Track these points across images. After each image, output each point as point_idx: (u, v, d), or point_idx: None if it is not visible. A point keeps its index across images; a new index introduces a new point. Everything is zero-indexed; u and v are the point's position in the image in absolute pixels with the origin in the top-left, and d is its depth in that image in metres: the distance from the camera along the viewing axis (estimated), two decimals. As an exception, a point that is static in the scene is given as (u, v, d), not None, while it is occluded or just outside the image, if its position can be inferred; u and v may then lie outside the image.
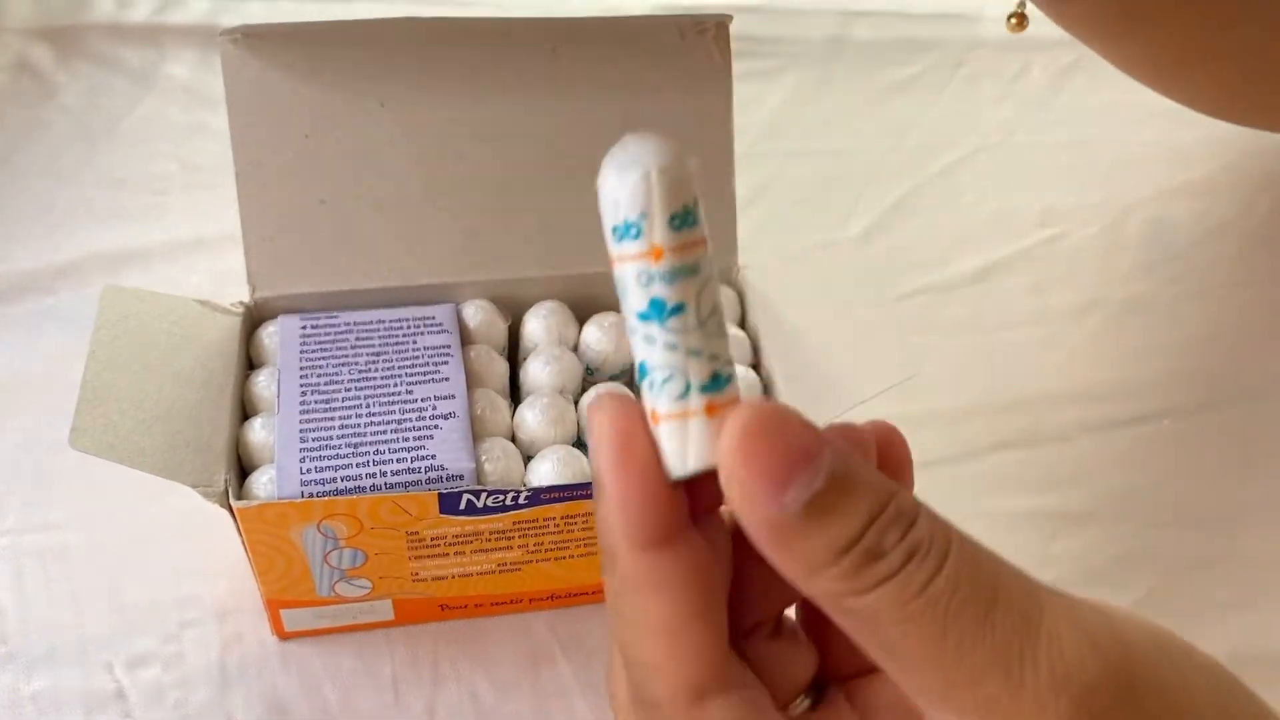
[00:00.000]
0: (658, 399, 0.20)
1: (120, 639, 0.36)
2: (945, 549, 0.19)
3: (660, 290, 0.19)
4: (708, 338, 0.20)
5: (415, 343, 0.36)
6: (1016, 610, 0.19)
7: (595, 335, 0.38)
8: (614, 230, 0.19)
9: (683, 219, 0.19)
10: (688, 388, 0.20)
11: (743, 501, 0.19)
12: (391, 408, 0.34)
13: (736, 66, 0.38)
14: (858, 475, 0.19)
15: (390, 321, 0.37)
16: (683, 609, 0.20)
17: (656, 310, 0.19)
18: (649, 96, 0.38)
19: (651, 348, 0.20)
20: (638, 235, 0.19)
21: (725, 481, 0.19)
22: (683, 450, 0.20)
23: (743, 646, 0.23)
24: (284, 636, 0.37)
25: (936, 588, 0.18)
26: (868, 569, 0.18)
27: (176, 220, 0.50)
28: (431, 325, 0.37)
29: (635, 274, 0.19)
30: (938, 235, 0.52)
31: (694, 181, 0.19)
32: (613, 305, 0.39)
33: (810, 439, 0.18)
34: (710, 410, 0.20)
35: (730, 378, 0.20)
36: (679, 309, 0.19)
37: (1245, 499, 0.42)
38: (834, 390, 0.35)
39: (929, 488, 0.42)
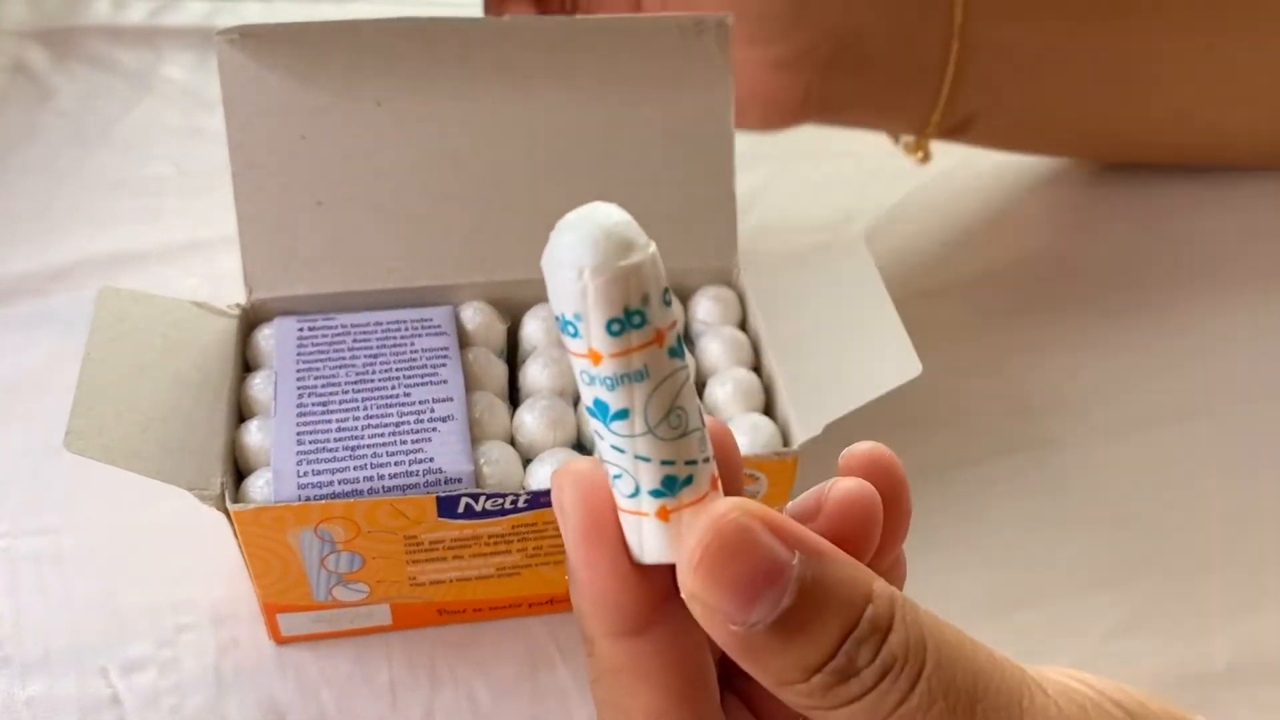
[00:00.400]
0: (613, 489, 0.19)
1: (115, 643, 0.36)
2: (920, 659, 0.18)
3: (602, 393, 0.18)
4: (658, 443, 0.18)
5: (413, 345, 0.36)
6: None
7: (594, 337, 0.38)
8: (556, 318, 0.18)
9: (625, 321, 0.17)
10: (637, 489, 0.18)
11: (704, 618, 0.18)
12: (389, 410, 0.34)
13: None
14: (829, 585, 0.18)
15: (388, 323, 0.36)
16: (664, 696, 0.19)
17: (600, 411, 0.18)
18: (648, 96, 0.38)
19: (601, 442, 0.18)
20: (575, 334, 0.17)
21: (686, 598, 0.18)
22: (639, 544, 0.19)
23: (746, 686, 0.22)
24: (281, 641, 0.36)
25: (911, 705, 0.18)
26: (839, 688, 0.18)
27: (172, 223, 0.50)
28: (429, 327, 0.36)
29: (578, 370, 0.18)
30: (939, 236, 0.52)
31: (647, 273, 0.17)
32: (612, 307, 0.39)
33: (777, 554, 0.17)
34: (663, 514, 0.18)
35: (690, 479, 0.18)
36: (622, 414, 0.18)
37: (1249, 503, 0.42)
38: (835, 392, 0.34)
39: (932, 492, 0.42)
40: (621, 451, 0.18)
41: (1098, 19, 0.48)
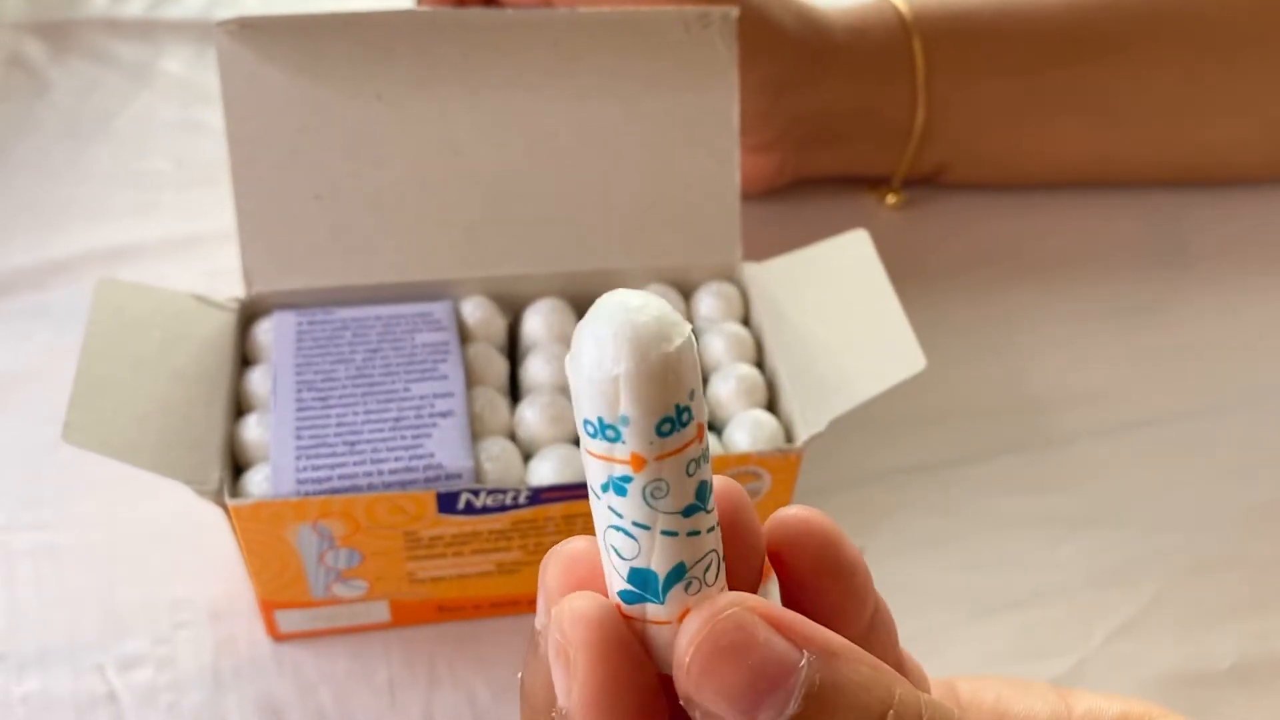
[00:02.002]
0: (619, 600, 0.17)
1: (112, 640, 0.36)
2: None
3: (630, 501, 0.16)
4: (684, 542, 0.16)
5: (413, 340, 0.36)
6: None
7: (596, 333, 0.37)
8: (583, 422, 0.16)
9: (675, 420, 0.15)
10: (658, 593, 0.17)
11: (708, 712, 0.16)
12: (389, 405, 0.33)
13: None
14: (843, 690, 0.16)
15: (388, 318, 0.36)
16: None
17: (622, 516, 0.16)
18: (652, 90, 0.37)
19: (618, 544, 0.17)
20: (615, 438, 0.16)
21: (683, 702, 0.16)
22: (654, 655, 0.17)
23: None
24: (278, 638, 0.36)
25: None
26: None
27: (170, 218, 0.50)
28: (429, 322, 0.36)
29: (603, 474, 0.16)
30: (941, 235, 0.52)
31: (689, 363, 0.15)
32: (614, 303, 0.39)
33: (781, 655, 0.16)
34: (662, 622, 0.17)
35: (707, 573, 0.17)
36: (645, 524, 0.16)
37: (1252, 503, 0.42)
38: (839, 387, 0.34)
39: (937, 489, 0.41)
40: (638, 555, 0.17)
41: (1062, 67, 0.49)
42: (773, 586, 0.20)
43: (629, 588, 0.17)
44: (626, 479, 0.16)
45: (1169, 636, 0.38)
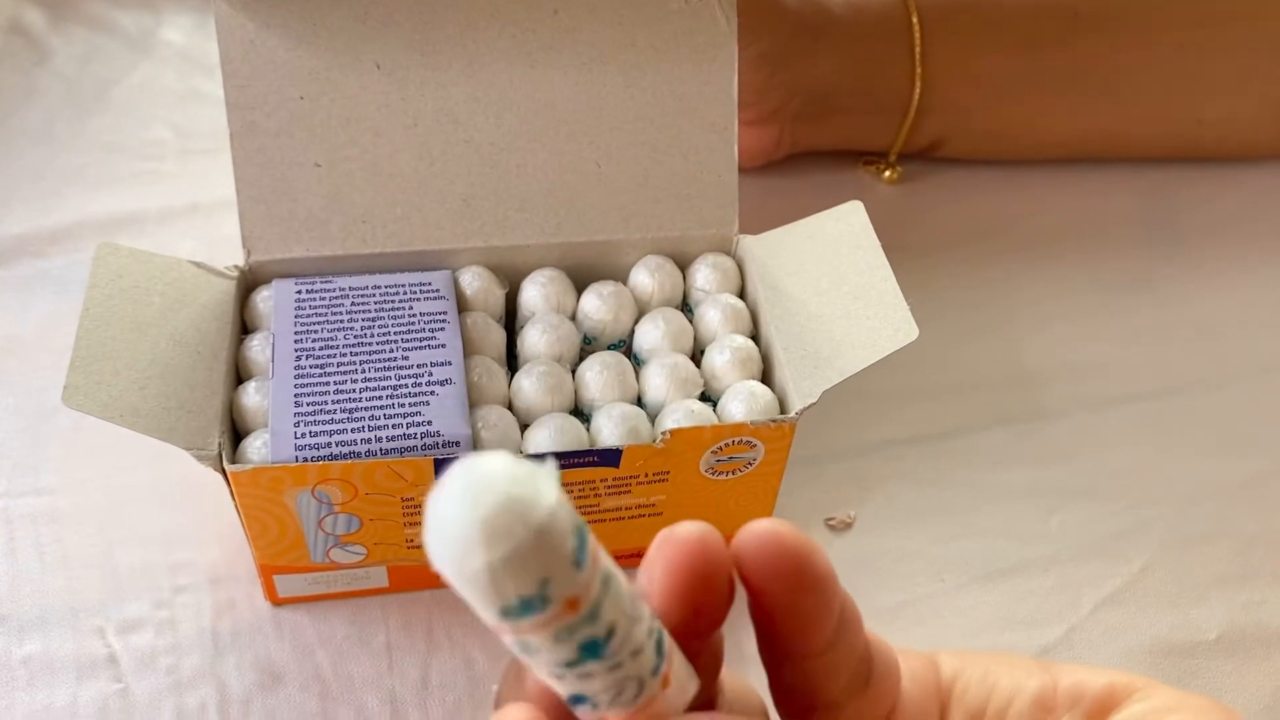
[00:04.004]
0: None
1: (112, 604, 0.36)
2: None
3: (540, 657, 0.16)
4: (606, 675, 0.17)
5: (411, 308, 0.36)
6: None
7: (594, 304, 0.38)
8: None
9: (522, 609, 0.14)
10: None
11: None
12: (387, 373, 0.34)
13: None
14: None
15: (386, 287, 0.36)
16: None
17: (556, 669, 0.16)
18: (651, 61, 0.37)
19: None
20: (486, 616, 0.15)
21: None
22: None
23: None
24: (277, 603, 0.36)
25: None
26: None
27: (170, 186, 0.50)
28: (428, 291, 0.36)
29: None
30: (937, 209, 0.52)
31: (534, 555, 0.14)
32: (612, 274, 0.39)
33: None
34: None
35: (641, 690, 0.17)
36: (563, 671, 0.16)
37: (1241, 476, 0.42)
38: (833, 358, 0.34)
39: (929, 460, 0.42)
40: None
41: (1059, 43, 0.49)
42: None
43: (570, 699, 0.18)
44: (514, 641, 0.16)
45: (1157, 606, 0.38)
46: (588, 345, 0.38)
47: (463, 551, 0.14)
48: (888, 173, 0.52)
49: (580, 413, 0.36)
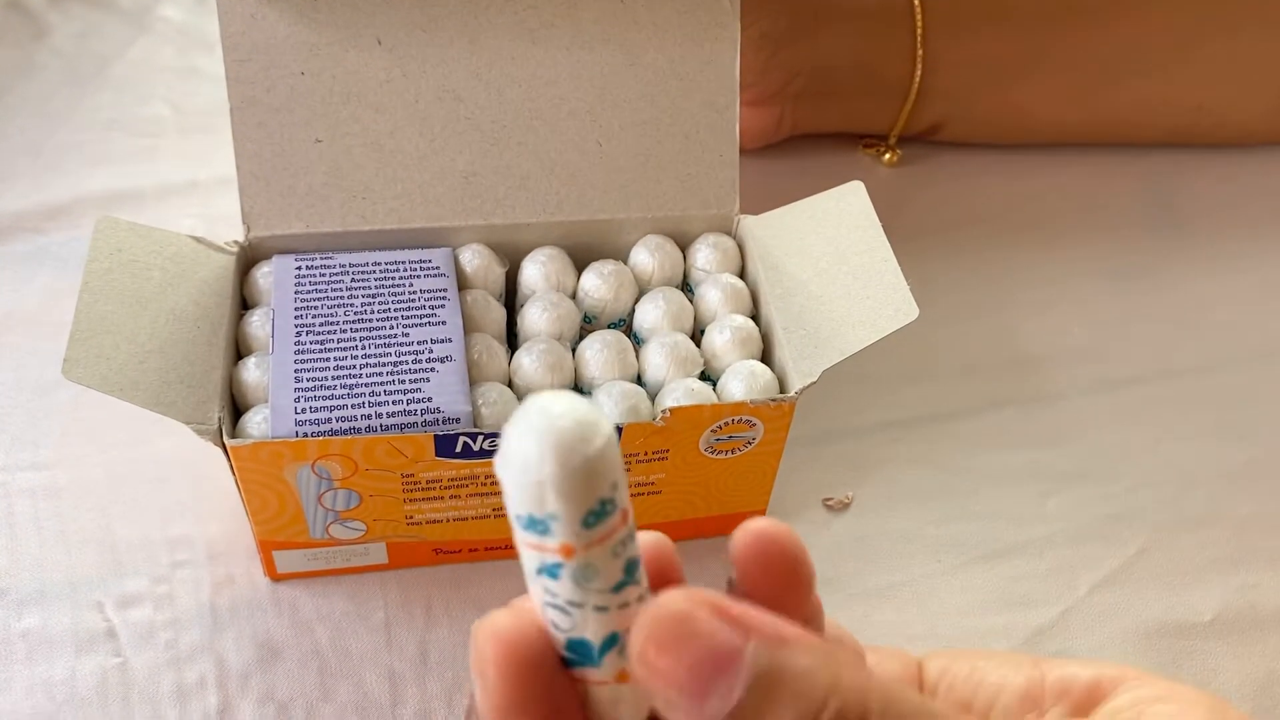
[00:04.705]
0: (569, 663, 0.18)
1: (111, 579, 0.36)
2: None
3: (563, 585, 0.17)
4: (616, 614, 0.18)
5: (411, 285, 0.36)
6: None
7: (594, 283, 0.38)
8: (515, 517, 0.17)
9: (600, 512, 0.16)
10: (597, 657, 0.18)
11: (663, 707, 0.17)
12: (388, 350, 0.34)
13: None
14: (786, 676, 0.16)
15: (386, 264, 0.36)
16: None
17: (559, 601, 0.18)
18: (654, 39, 0.37)
19: (557, 619, 0.18)
20: (545, 532, 0.17)
21: (641, 687, 0.17)
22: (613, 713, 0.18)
23: None
24: (276, 578, 0.36)
25: None
26: None
27: (169, 164, 0.50)
28: (428, 268, 0.36)
29: (537, 562, 0.17)
30: (936, 192, 0.52)
31: (611, 458, 0.16)
32: (612, 253, 0.39)
33: (726, 642, 0.16)
34: (623, 678, 0.18)
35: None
36: (579, 602, 0.17)
37: (1237, 461, 0.42)
38: (832, 338, 0.34)
39: (927, 442, 0.42)
40: (574, 628, 0.18)
41: (1060, 26, 0.49)
42: None
43: (568, 655, 0.18)
44: (558, 565, 0.17)
45: (1152, 589, 0.38)
46: (587, 324, 0.38)
47: (564, 452, 0.16)
48: (888, 155, 0.52)
49: (580, 391, 0.36)
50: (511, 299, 0.39)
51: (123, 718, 0.33)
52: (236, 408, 0.34)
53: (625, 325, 0.38)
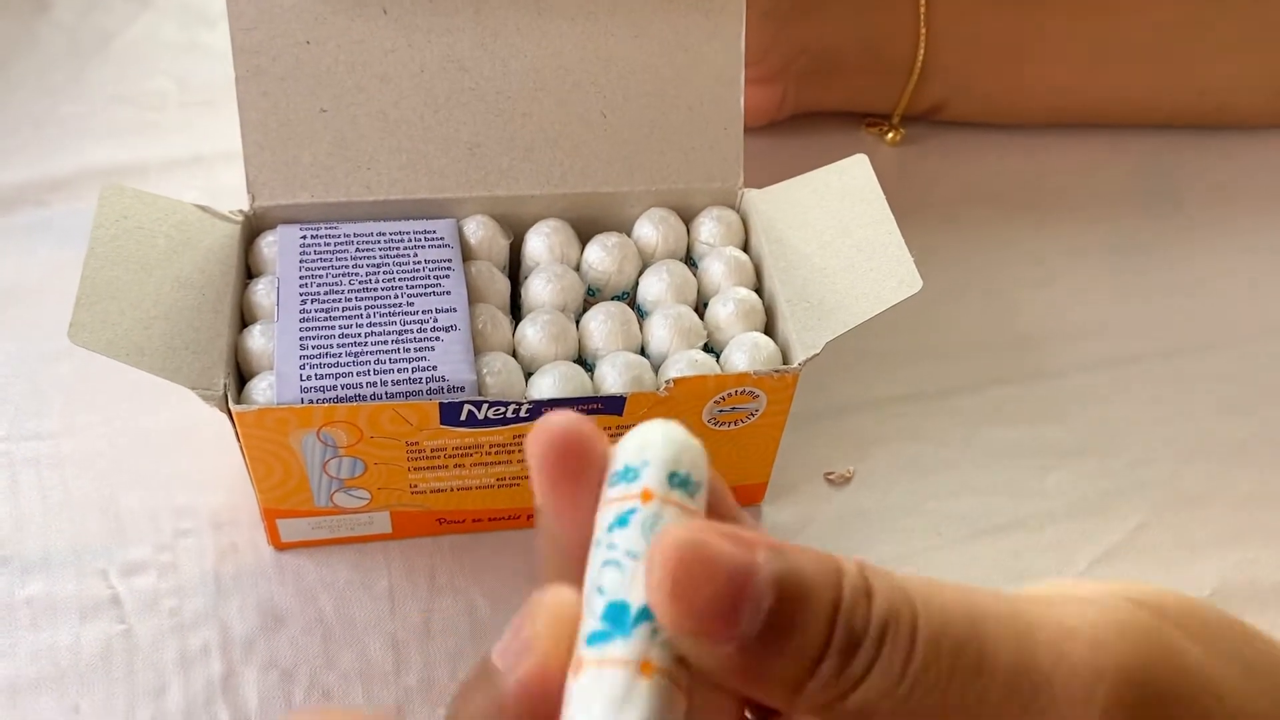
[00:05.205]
0: (581, 643, 0.18)
1: (115, 546, 0.36)
2: (911, 610, 0.17)
3: (632, 533, 0.18)
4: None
5: (416, 255, 0.36)
6: (1009, 644, 0.17)
7: (598, 255, 0.38)
8: (614, 472, 0.18)
9: (684, 480, 0.18)
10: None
11: (697, 649, 0.17)
12: (393, 318, 0.34)
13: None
14: (802, 572, 0.17)
15: (391, 234, 0.36)
16: None
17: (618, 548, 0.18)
18: (660, 12, 0.37)
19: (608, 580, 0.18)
20: (634, 478, 0.18)
21: (673, 636, 0.17)
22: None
23: None
24: (280, 547, 0.37)
25: (920, 656, 0.17)
26: (847, 668, 0.17)
27: (172, 137, 0.50)
28: (433, 239, 0.36)
29: (616, 513, 0.18)
30: (939, 171, 0.52)
31: (701, 461, 0.19)
32: (616, 225, 0.39)
33: (741, 557, 0.17)
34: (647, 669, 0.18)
35: None
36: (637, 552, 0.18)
37: (1234, 437, 0.43)
38: (836, 310, 0.35)
39: (928, 417, 0.42)
40: (620, 586, 0.18)
41: (1060, 7, 0.49)
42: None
43: (601, 627, 0.18)
44: (633, 511, 0.18)
45: (1151, 564, 0.38)
46: (591, 297, 0.38)
47: (673, 427, 0.19)
48: (890, 134, 0.52)
49: (583, 361, 0.36)
50: (515, 271, 0.39)
51: (127, 684, 0.34)
52: (241, 375, 0.34)
53: (629, 298, 0.38)
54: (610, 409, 0.33)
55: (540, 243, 0.38)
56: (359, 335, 0.33)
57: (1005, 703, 0.17)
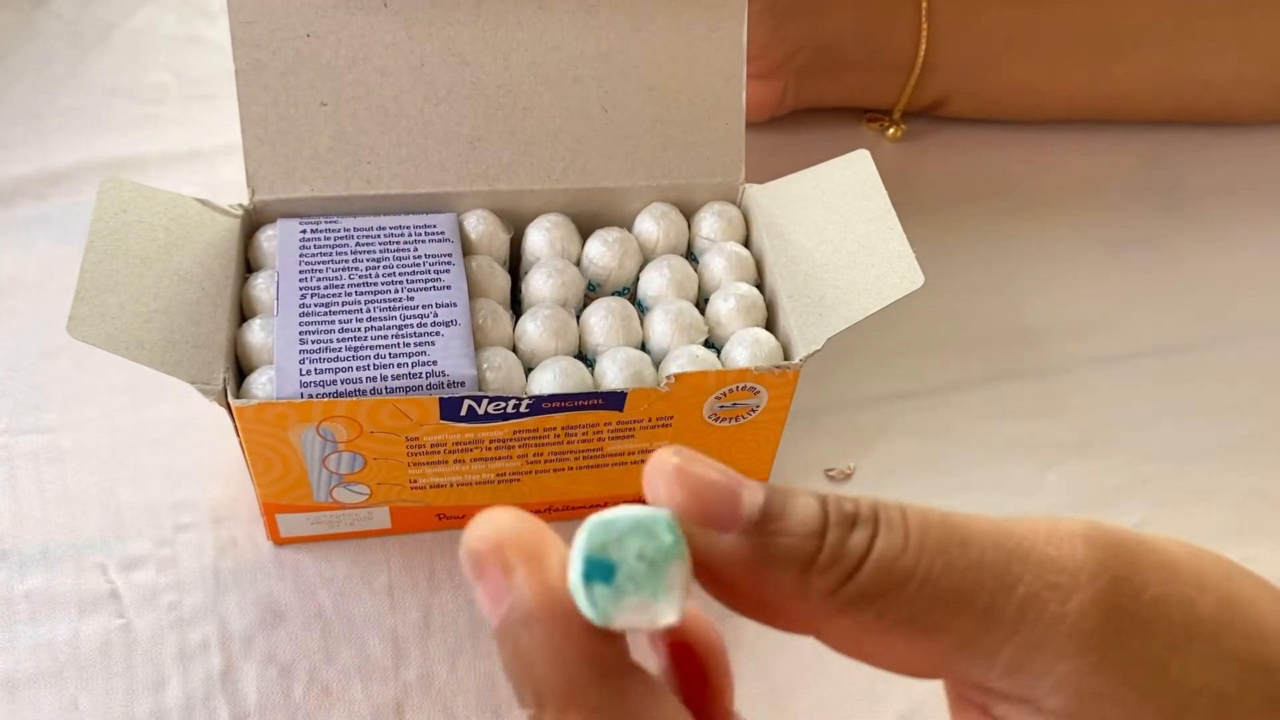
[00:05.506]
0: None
1: (114, 541, 0.36)
2: (897, 504, 0.18)
3: None
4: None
5: (416, 250, 0.36)
6: (989, 523, 0.18)
7: (599, 250, 0.38)
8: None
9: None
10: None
11: (706, 542, 0.18)
12: (393, 313, 0.34)
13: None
14: (784, 485, 0.19)
15: (391, 228, 0.36)
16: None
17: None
18: (661, 6, 0.37)
19: None
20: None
21: (688, 527, 0.18)
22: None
23: None
24: (279, 542, 0.37)
25: (916, 528, 0.18)
26: (850, 538, 0.18)
27: (171, 131, 0.49)
28: (433, 234, 0.36)
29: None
30: (940, 167, 0.52)
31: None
32: (617, 221, 0.39)
33: (729, 474, 0.18)
34: None
35: None
36: None
37: (1237, 435, 0.43)
38: (837, 306, 0.34)
39: (929, 414, 0.42)
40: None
41: (1066, 1, 0.49)
42: None
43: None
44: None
45: (1152, 560, 0.38)
46: (592, 292, 0.38)
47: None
48: (891, 130, 0.52)
49: (584, 357, 0.36)
50: (516, 266, 0.39)
51: (126, 679, 0.33)
52: (241, 370, 0.34)
53: (630, 293, 0.38)
54: (611, 404, 0.33)
55: (541, 237, 0.38)
56: (359, 330, 0.33)
57: (997, 563, 0.18)
